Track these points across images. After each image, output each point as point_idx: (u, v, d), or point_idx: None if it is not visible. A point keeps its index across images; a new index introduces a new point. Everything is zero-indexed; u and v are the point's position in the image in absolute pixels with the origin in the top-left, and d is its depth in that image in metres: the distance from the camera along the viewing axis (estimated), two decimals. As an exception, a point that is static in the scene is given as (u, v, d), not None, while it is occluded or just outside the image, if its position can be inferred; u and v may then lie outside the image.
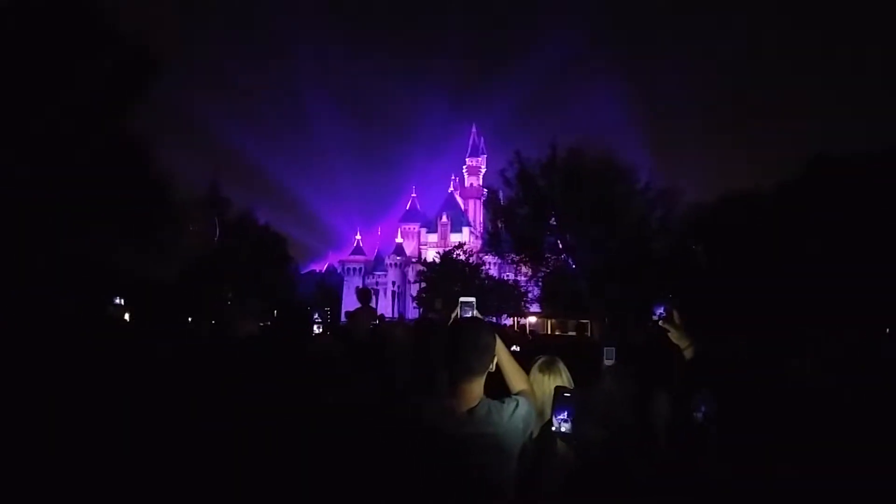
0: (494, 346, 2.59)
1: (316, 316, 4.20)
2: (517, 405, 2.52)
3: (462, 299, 2.89)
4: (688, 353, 3.07)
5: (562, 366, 3.09)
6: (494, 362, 2.61)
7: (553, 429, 2.30)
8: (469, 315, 2.82)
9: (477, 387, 2.53)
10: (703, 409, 2.40)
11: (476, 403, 2.49)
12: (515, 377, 2.74)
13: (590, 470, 2.40)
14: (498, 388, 2.73)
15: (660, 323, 3.18)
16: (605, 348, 4.01)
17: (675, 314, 3.18)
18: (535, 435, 2.89)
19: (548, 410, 2.87)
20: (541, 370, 3.07)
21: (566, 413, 2.30)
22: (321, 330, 4.14)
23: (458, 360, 2.53)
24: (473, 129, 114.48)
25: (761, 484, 2.35)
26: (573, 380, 3.37)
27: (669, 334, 3.17)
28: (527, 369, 5.15)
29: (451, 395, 2.52)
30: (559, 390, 2.38)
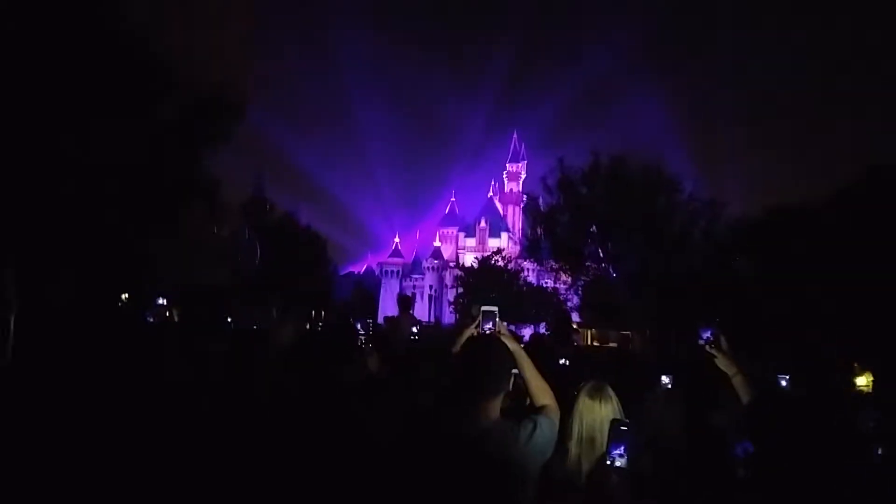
0: (509, 366, 2.51)
1: (359, 326, 4.19)
2: (534, 427, 2.44)
3: (484, 308, 2.78)
4: (736, 382, 2.96)
5: (611, 391, 3.01)
6: (510, 382, 2.53)
7: (608, 462, 2.23)
8: (490, 326, 2.72)
9: (493, 407, 2.46)
10: (746, 447, 2.31)
11: (492, 424, 2.43)
12: (539, 392, 2.65)
13: None
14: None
15: (707, 348, 3.07)
16: (662, 375, 3.93)
17: (723, 339, 3.07)
18: (573, 454, 2.83)
19: (598, 438, 2.79)
20: (591, 396, 2.99)
21: (623, 448, 2.23)
22: (364, 340, 4.13)
23: (471, 382, 2.46)
24: (514, 136, 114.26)
25: None
26: (620, 397, 3.28)
27: (716, 360, 3.06)
28: (570, 384, 5.05)
29: (466, 416, 2.45)
30: (615, 423, 2.31)
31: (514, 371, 2.57)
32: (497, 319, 2.73)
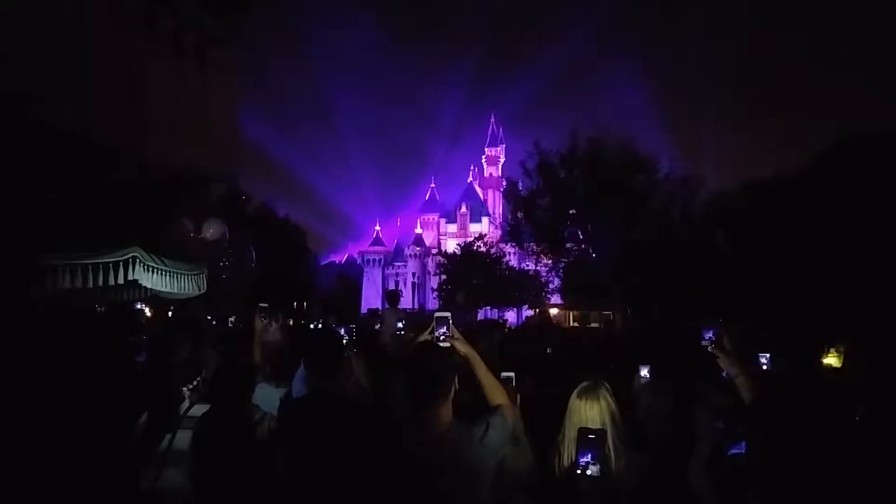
0: (453, 369, 2.61)
1: (342, 332, 4.17)
2: (487, 428, 2.53)
3: (437, 314, 2.86)
4: (739, 382, 2.96)
5: (604, 392, 2.98)
6: (455, 382, 2.61)
7: (577, 471, 2.20)
8: (444, 331, 2.76)
9: (444, 411, 2.55)
10: (741, 447, 2.31)
11: (446, 428, 2.52)
12: (492, 391, 2.73)
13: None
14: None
15: (709, 349, 3.08)
16: (640, 366, 3.92)
17: (726, 339, 3.07)
18: (564, 456, 2.86)
19: None
20: (579, 397, 2.98)
21: (590, 455, 2.20)
22: (348, 343, 4.09)
23: (417, 391, 2.56)
24: (492, 119, 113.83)
25: None
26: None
27: (719, 360, 3.06)
28: (558, 372, 5.03)
29: (421, 421, 2.53)
30: (582, 432, 2.29)
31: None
32: (450, 324, 2.79)
